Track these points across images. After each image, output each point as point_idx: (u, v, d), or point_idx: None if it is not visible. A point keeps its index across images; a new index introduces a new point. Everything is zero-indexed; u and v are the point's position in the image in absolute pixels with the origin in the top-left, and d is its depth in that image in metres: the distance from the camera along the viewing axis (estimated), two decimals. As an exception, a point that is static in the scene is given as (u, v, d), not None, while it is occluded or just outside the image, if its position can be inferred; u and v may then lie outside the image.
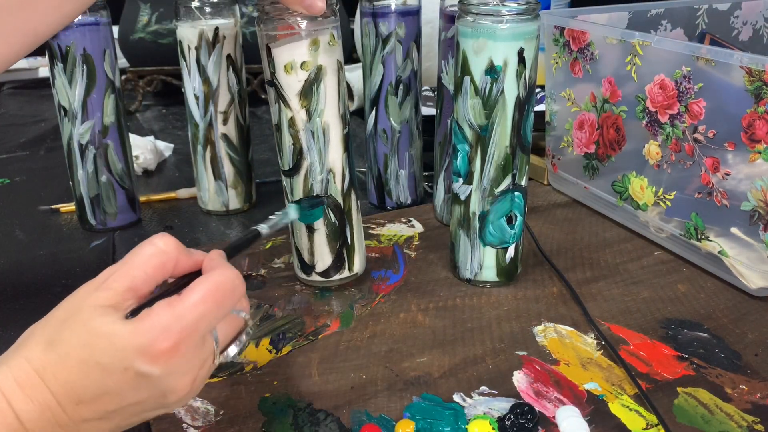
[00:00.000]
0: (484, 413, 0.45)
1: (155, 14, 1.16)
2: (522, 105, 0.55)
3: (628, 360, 0.51)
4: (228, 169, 0.76)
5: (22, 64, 1.38)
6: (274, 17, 0.51)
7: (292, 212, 0.47)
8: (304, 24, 0.51)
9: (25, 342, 0.33)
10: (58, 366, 0.32)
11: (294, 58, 0.52)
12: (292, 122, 0.54)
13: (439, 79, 0.68)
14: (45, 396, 0.32)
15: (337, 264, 0.59)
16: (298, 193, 0.56)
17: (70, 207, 0.78)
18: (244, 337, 0.38)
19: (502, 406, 0.46)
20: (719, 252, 0.60)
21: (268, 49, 0.52)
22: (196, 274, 0.36)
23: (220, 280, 0.34)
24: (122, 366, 0.32)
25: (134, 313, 0.33)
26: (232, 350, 0.37)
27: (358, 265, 0.60)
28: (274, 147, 0.86)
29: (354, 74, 1.02)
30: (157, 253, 0.35)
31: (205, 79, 0.71)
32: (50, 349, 0.32)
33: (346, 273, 0.60)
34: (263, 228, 0.43)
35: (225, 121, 0.74)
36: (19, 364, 0.32)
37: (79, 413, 0.32)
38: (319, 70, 0.52)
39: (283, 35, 0.51)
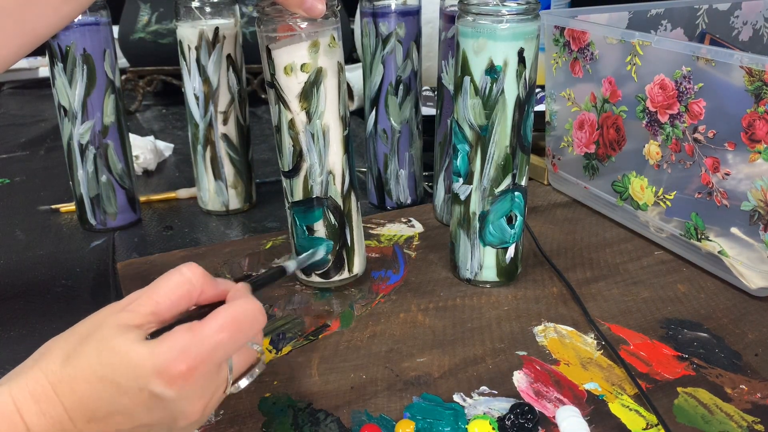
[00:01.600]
0: (484, 413, 0.45)
1: (155, 14, 1.16)
2: (522, 105, 0.55)
3: (628, 360, 0.51)
4: (228, 169, 0.76)
5: (22, 64, 1.38)
6: (274, 18, 0.51)
7: (321, 251, 0.48)
8: (304, 25, 0.51)
9: (43, 355, 0.33)
10: (74, 381, 0.32)
11: (294, 60, 0.52)
12: (291, 124, 0.54)
13: (439, 79, 0.68)
14: (58, 411, 0.32)
15: (337, 265, 0.59)
16: (298, 194, 0.56)
17: (70, 207, 0.78)
18: (256, 371, 0.38)
19: (502, 406, 0.46)
20: (719, 252, 0.60)
21: (268, 51, 0.52)
22: (220, 303, 0.36)
23: (241, 311, 0.35)
24: (138, 386, 0.32)
25: (154, 335, 0.34)
26: (244, 383, 0.37)
27: (358, 266, 0.60)
28: (274, 147, 0.86)
29: (354, 74, 1.02)
30: (183, 282, 0.36)
31: (205, 79, 0.71)
32: (68, 363, 0.32)
33: (345, 274, 0.60)
34: (290, 266, 0.44)
35: (225, 121, 0.74)
36: (35, 377, 0.32)
37: (89, 431, 0.32)
38: (319, 72, 0.52)
39: (283, 36, 0.51)
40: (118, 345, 0.32)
